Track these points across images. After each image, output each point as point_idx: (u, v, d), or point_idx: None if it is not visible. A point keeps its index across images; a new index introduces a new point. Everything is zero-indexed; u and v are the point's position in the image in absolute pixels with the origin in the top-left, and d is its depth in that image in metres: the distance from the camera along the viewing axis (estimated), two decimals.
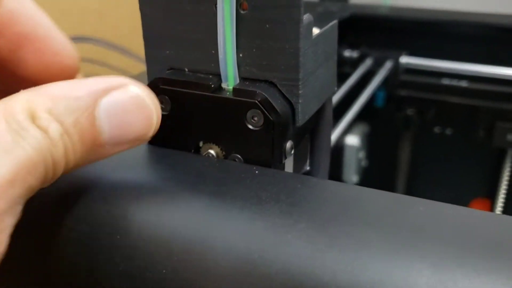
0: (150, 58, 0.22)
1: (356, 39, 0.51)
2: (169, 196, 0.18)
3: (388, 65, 0.49)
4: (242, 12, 0.19)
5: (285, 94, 0.20)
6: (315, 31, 0.21)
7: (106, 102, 0.17)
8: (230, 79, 0.20)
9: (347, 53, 0.51)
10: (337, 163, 0.56)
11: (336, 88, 0.23)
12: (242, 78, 0.20)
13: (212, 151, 0.21)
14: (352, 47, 0.51)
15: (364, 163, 0.58)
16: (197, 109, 0.20)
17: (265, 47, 0.19)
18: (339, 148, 0.55)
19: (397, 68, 0.50)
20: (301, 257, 0.16)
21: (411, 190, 0.59)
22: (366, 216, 0.17)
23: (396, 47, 0.50)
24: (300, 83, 0.19)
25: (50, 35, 0.22)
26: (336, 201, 0.18)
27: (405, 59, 0.50)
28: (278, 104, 0.19)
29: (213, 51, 0.20)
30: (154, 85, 0.21)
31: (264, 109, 0.19)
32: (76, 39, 0.46)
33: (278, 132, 0.19)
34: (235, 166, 0.20)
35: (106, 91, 0.17)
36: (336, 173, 0.56)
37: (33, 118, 0.16)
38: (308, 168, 0.25)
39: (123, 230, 0.18)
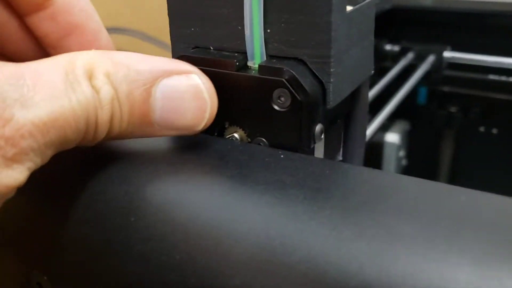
0: (175, 36, 0.21)
1: (397, 32, 0.49)
2: (188, 179, 0.17)
3: (430, 59, 0.47)
4: None
5: (316, 73, 0.18)
6: (349, 8, 0.20)
7: (165, 83, 0.17)
8: (256, 56, 0.19)
9: (388, 47, 0.49)
10: (376, 161, 0.54)
11: (372, 71, 0.22)
12: (270, 56, 0.19)
13: (236, 135, 0.20)
14: (393, 41, 0.49)
15: (404, 162, 0.55)
16: (221, 88, 0.19)
17: (295, 22, 0.18)
18: (378, 145, 0.53)
19: (440, 63, 0.47)
20: (325, 246, 0.14)
21: None
22: (399, 205, 0.15)
23: (439, 41, 0.48)
24: (332, 60, 0.18)
25: (97, 30, 0.23)
26: (367, 187, 0.16)
27: (448, 54, 0.47)
28: (307, 83, 0.18)
29: (239, 27, 0.19)
30: None
31: (291, 88, 0.18)
32: (112, 30, 0.46)
33: (307, 113, 0.18)
34: (259, 150, 0.18)
35: (169, 73, 0.17)
36: None
37: (90, 76, 0.16)
38: (340, 158, 0.23)
39: (140, 211, 0.17)
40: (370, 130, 0.36)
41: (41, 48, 0.23)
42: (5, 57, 0.23)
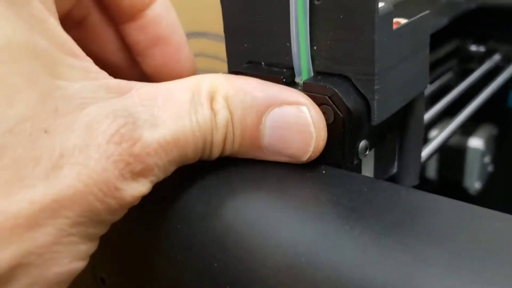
0: (230, 51, 0.22)
1: (483, 33, 0.46)
2: (229, 190, 0.18)
3: None
4: (316, 2, 0.18)
5: (360, 90, 0.18)
6: (402, 21, 0.20)
7: (276, 112, 0.18)
8: (304, 72, 0.19)
9: (473, 48, 0.47)
10: (458, 166, 0.52)
11: (428, 84, 0.21)
12: (317, 72, 0.19)
13: None
14: (478, 41, 0.47)
15: (490, 168, 0.53)
16: None
17: (339, 39, 0.18)
18: (461, 151, 0.51)
19: None
20: (351, 266, 0.14)
21: None
22: (431, 228, 0.15)
23: None
24: (376, 77, 0.18)
25: (181, 43, 0.25)
26: (402, 208, 0.16)
27: None
28: (350, 100, 0.18)
29: (288, 44, 0.19)
30: None
31: (334, 105, 0.18)
32: (194, 34, 0.48)
33: (349, 130, 0.18)
34: (301, 164, 0.19)
35: (281, 103, 0.18)
36: (456, 178, 0.52)
37: (212, 98, 0.17)
38: (395, 170, 0.23)
39: (185, 220, 0.18)
40: (446, 133, 0.35)
41: (130, 55, 0.25)
42: (100, 61, 0.25)
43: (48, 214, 0.14)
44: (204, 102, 0.17)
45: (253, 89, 0.18)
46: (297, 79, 0.19)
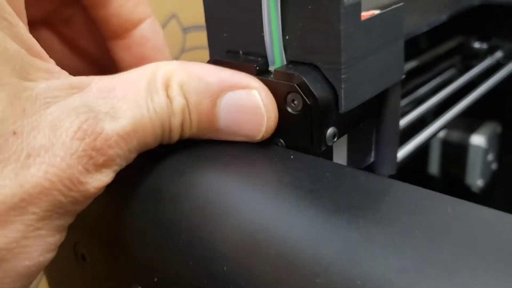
0: (211, 40, 0.22)
1: (487, 30, 0.46)
2: (198, 172, 0.19)
3: None
4: None
5: (328, 78, 0.19)
6: (375, 12, 0.20)
7: (229, 96, 0.19)
8: (277, 61, 0.20)
9: (477, 44, 0.47)
10: (460, 164, 0.52)
11: (403, 76, 0.22)
12: (290, 61, 0.20)
13: None
14: (482, 38, 0.47)
15: (494, 166, 0.53)
16: None
17: (308, 29, 0.19)
18: (463, 148, 0.51)
19: None
20: (301, 242, 0.15)
21: None
22: (382, 210, 0.16)
23: None
24: (343, 67, 0.19)
25: None
26: (359, 192, 0.17)
27: None
28: (318, 88, 0.19)
29: (262, 34, 0.20)
30: None
31: (302, 93, 0.19)
32: (196, 28, 0.49)
33: (317, 117, 0.19)
34: (272, 149, 0.20)
35: (234, 87, 0.19)
36: (458, 175, 0.52)
37: (167, 85, 0.18)
38: (372, 160, 0.24)
39: (155, 201, 0.19)
40: (435, 127, 0.35)
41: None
42: (87, 56, 0.26)
43: (16, 212, 0.15)
44: (160, 90, 0.18)
45: (206, 75, 0.19)
46: (270, 68, 0.20)
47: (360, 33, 0.19)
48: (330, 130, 0.20)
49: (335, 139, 0.20)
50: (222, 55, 0.22)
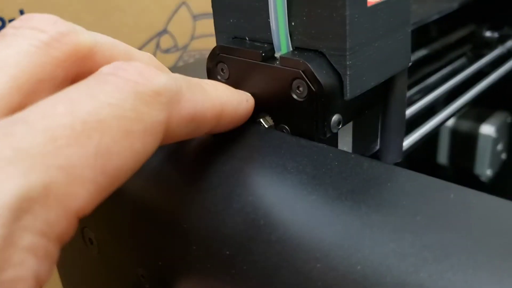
0: (218, 26, 0.22)
1: (498, 18, 0.46)
2: (205, 162, 0.19)
3: None
4: None
5: (334, 65, 0.19)
6: None
7: None
8: (283, 47, 0.20)
9: (488, 33, 0.46)
10: (469, 153, 0.51)
11: (410, 63, 0.22)
12: (296, 47, 0.20)
13: (262, 120, 0.21)
14: (493, 27, 0.46)
15: (503, 156, 0.52)
16: (250, 77, 0.21)
17: (314, 15, 0.19)
18: (472, 137, 0.51)
19: None
20: (302, 227, 0.15)
21: None
22: (383, 196, 0.16)
23: None
24: (348, 53, 0.18)
25: None
26: (361, 178, 0.17)
27: None
28: (323, 75, 0.19)
29: (268, 20, 0.20)
30: (213, 53, 0.22)
31: (307, 79, 0.19)
32: (205, 15, 0.48)
33: (321, 104, 0.19)
34: (276, 135, 0.20)
35: None
36: (468, 164, 0.51)
37: None
38: (377, 147, 0.24)
39: (163, 191, 0.19)
40: (444, 116, 0.35)
41: None
42: None
43: None
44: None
45: None
46: (276, 54, 0.20)
47: (366, 19, 0.19)
48: (335, 117, 0.20)
49: (340, 126, 0.20)
50: (228, 41, 0.22)
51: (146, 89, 0.14)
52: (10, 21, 0.36)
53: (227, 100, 0.18)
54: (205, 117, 0.17)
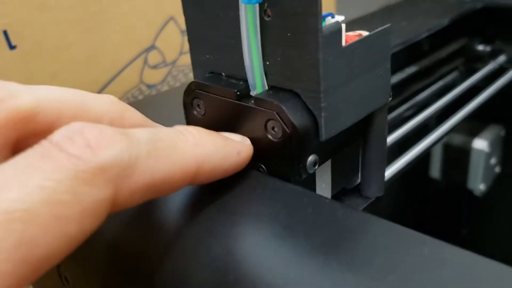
0: (194, 61, 0.22)
1: (490, 33, 0.45)
2: (175, 208, 0.18)
3: None
4: (266, 19, 0.18)
5: (309, 106, 0.19)
6: (364, 33, 0.20)
7: None
8: (258, 86, 0.19)
9: (480, 47, 0.46)
10: (462, 167, 0.51)
11: (390, 98, 0.21)
12: (271, 86, 0.20)
13: None
14: (486, 41, 0.46)
15: (497, 169, 0.52)
16: (225, 114, 0.20)
17: (288, 57, 0.18)
18: (465, 152, 0.50)
19: None
20: (272, 285, 0.15)
21: None
22: (356, 251, 0.15)
23: None
24: (322, 95, 0.18)
25: None
26: (334, 229, 0.16)
27: None
28: (297, 117, 0.18)
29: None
30: (189, 89, 0.21)
31: (281, 121, 0.18)
32: None
33: (296, 145, 0.18)
34: (252, 176, 0.19)
35: None
36: (460, 179, 0.51)
37: None
38: (358, 181, 0.23)
39: (135, 230, 0.19)
40: (440, 132, 0.35)
41: None
42: None
43: None
44: None
45: None
46: (252, 93, 0.20)
47: (341, 60, 0.18)
48: (311, 158, 0.19)
49: (316, 166, 0.20)
50: (204, 77, 0.22)
51: (89, 167, 0.13)
52: None
53: (206, 158, 0.17)
54: (170, 181, 0.16)
